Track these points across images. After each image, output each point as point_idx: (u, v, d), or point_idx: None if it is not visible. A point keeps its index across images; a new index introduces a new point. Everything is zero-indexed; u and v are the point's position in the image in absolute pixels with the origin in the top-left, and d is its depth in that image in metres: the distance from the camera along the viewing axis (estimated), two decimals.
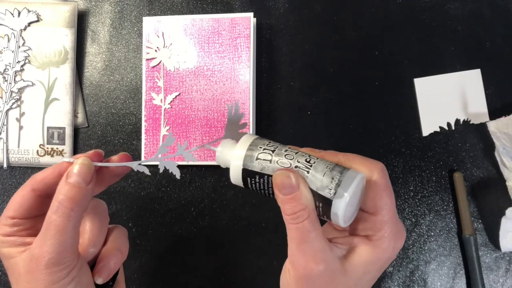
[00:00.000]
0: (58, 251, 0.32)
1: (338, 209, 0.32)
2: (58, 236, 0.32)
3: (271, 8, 0.62)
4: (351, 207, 0.33)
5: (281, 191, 0.33)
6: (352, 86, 0.60)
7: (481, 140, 0.58)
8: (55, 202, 0.33)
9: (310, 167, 0.33)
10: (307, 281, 0.33)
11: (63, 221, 0.33)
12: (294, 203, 0.32)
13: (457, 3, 0.61)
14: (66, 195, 0.33)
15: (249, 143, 0.35)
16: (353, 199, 0.32)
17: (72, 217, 0.33)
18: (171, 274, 0.59)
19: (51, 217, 0.33)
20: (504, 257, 0.56)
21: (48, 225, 0.33)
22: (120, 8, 0.64)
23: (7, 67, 0.61)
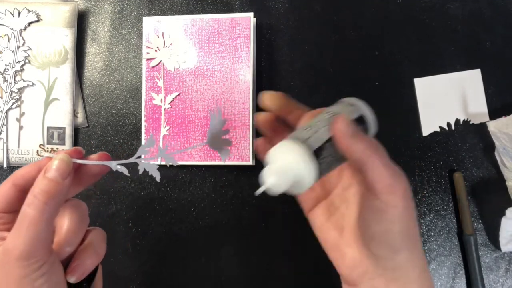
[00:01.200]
0: (30, 244, 0.32)
1: (368, 116, 0.41)
2: (31, 229, 0.32)
3: (271, 8, 0.62)
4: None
5: (344, 136, 0.34)
6: (352, 86, 0.60)
7: (481, 140, 0.58)
8: (30, 195, 0.33)
9: (336, 111, 0.38)
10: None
11: (37, 214, 0.33)
12: (349, 127, 0.35)
13: (457, 3, 0.61)
14: (41, 188, 0.33)
15: (294, 138, 0.35)
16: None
17: (46, 211, 0.33)
18: (171, 274, 0.59)
19: (25, 210, 0.33)
20: (504, 257, 0.56)
21: (22, 218, 0.33)
22: (120, 8, 0.64)
23: (7, 67, 0.61)
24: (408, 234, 0.33)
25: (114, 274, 0.59)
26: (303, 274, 0.57)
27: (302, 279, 0.57)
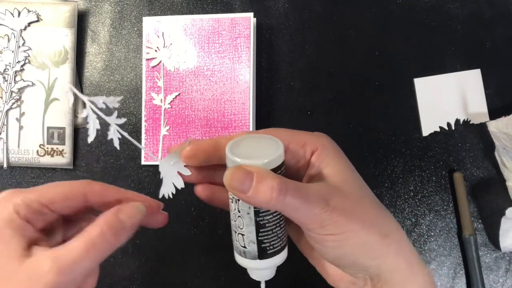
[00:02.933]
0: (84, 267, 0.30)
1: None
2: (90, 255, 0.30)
3: (271, 8, 0.62)
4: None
5: (240, 191, 0.30)
6: (352, 86, 0.60)
7: (481, 140, 0.58)
8: (117, 224, 0.32)
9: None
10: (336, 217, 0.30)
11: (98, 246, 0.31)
12: (259, 190, 0.30)
13: (457, 3, 0.61)
14: (111, 225, 0.32)
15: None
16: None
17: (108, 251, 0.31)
18: (171, 274, 0.59)
19: (107, 236, 0.31)
20: (504, 257, 0.56)
21: (95, 242, 0.31)
22: (120, 8, 0.64)
23: (7, 67, 0.61)
24: (366, 248, 0.31)
25: (114, 274, 0.59)
26: (304, 274, 0.57)
27: (302, 278, 0.57)
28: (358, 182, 0.33)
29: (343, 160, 0.34)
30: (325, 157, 0.33)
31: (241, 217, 0.32)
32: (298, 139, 0.34)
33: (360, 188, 0.33)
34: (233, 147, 0.31)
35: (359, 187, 0.33)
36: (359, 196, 0.32)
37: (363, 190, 0.33)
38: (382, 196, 0.58)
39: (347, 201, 0.31)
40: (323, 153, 0.33)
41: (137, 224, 0.34)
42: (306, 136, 0.34)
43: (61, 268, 0.30)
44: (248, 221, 0.31)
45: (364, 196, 0.33)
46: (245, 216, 0.31)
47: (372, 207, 0.32)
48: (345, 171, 0.33)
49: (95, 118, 0.31)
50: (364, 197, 0.32)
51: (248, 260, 0.33)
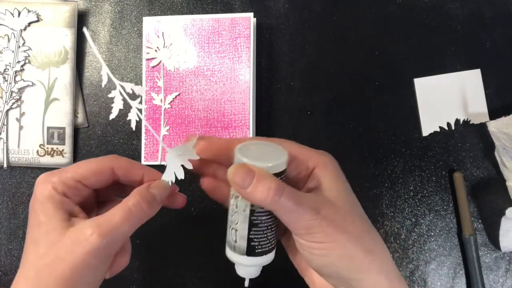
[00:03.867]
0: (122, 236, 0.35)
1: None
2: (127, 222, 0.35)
3: (271, 8, 0.62)
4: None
5: (241, 187, 0.33)
6: (352, 86, 0.60)
7: (481, 140, 0.58)
8: (151, 192, 0.36)
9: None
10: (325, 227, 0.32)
11: (137, 213, 0.36)
12: (260, 187, 0.32)
13: (457, 3, 0.61)
14: (144, 197, 0.36)
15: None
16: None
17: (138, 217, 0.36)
18: (171, 274, 0.59)
19: (143, 205, 0.36)
20: (504, 257, 0.56)
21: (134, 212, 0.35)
22: (120, 8, 0.64)
23: (7, 67, 0.61)
24: (351, 261, 0.32)
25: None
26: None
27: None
28: (351, 199, 0.35)
29: (340, 178, 0.36)
30: (325, 174, 0.35)
31: (237, 213, 0.34)
32: (304, 153, 0.36)
33: (352, 205, 0.35)
34: (242, 148, 0.34)
35: (351, 204, 0.35)
36: (350, 211, 0.34)
37: (355, 207, 0.35)
38: (382, 196, 0.58)
39: (338, 214, 0.33)
40: (323, 170, 0.35)
41: (164, 198, 0.38)
42: (312, 153, 0.37)
43: (103, 232, 0.33)
44: (243, 218, 0.34)
45: (354, 212, 0.34)
46: (241, 212, 0.34)
47: (361, 224, 0.34)
48: (340, 188, 0.35)
49: (120, 99, 0.37)
50: (354, 213, 0.34)
51: (236, 255, 0.35)
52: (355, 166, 0.59)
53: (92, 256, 0.33)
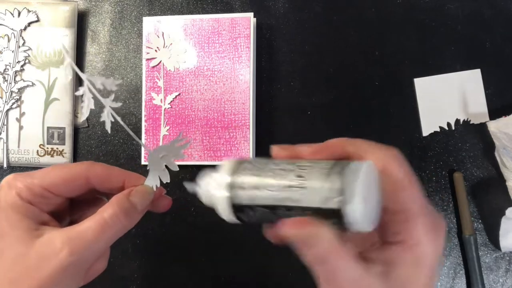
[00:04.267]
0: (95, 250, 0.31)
1: (353, 216, 0.25)
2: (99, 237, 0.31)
3: (271, 8, 0.62)
4: (369, 205, 0.26)
5: (298, 245, 0.27)
6: (352, 86, 0.60)
7: (481, 140, 0.58)
8: (116, 206, 0.32)
9: (305, 182, 0.26)
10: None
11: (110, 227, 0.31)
12: (314, 249, 0.27)
13: (457, 3, 0.61)
14: (122, 207, 0.32)
15: (229, 172, 0.29)
16: (367, 195, 0.26)
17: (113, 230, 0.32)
18: (171, 274, 0.59)
19: (115, 219, 0.32)
20: (504, 257, 0.56)
21: (106, 225, 0.31)
22: (120, 8, 0.64)
23: (7, 67, 0.61)
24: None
25: (114, 274, 0.59)
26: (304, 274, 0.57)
27: (302, 278, 0.57)
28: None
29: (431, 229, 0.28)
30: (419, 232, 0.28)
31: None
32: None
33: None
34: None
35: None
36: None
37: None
38: None
39: None
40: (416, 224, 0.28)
41: (146, 206, 0.34)
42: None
43: (74, 248, 0.30)
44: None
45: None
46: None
47: None
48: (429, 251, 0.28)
49: (90, 98, 0.31)
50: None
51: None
52: None
53: (62, 273, 0.30)
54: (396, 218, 0.27)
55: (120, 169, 0.35)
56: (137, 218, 0.33)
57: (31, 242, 0.30)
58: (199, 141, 0.59)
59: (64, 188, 0.33)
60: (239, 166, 0.29)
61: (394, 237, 0.28)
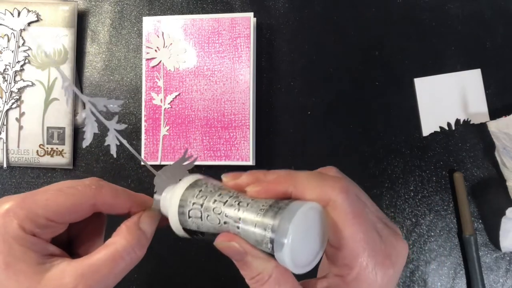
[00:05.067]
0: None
1: (283, 262, 0.26)
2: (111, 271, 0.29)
3: (271, 8, 0.62)
4: (305, 249, 0.26)
5: (232, 257, 0.28)
6: (352, 86, 0.60)
7: (481, 140, 0.58)
8: (129, 237, 0.30)
9: (239, 220, 0.27)
10: None
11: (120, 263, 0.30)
12: (248, 268, 0.28)
13: (457, 3, 0.61)
14: (136, 240, 0.31)
15: (179, 197, 0.30)
16: (302, 240, 0.26)
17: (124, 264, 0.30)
18: (171, 274, 0.59)
19: (123, 255, 0.30)
20: (504, 257, 0.56)
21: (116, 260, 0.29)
22: (120, 8, 0.64)
23: (7, 67, 0.61)
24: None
25: None
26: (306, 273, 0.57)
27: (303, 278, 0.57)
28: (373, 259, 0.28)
29: (360, 224, 0.28)
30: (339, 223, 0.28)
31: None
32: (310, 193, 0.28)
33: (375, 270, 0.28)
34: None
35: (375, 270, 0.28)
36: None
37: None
38: (382, 196, 0.58)
39: None
40: (336, 214, 0.28)
41: (154, 231, 0.33)
42: (317, 190, 0.28)
43: (88, 284, 0.28)
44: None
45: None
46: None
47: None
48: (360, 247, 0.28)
49: (93, 121, 0.29)
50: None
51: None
52: (355, 166, 0.59)
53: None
54: (338, 253, 0.27)
55: (127, 192, 0.33)
56: (147, 246, 0.32)
57: (38, 278, 0.28)
58: (199, 141, 0.59)
59: (68, 216, 0.31)
60: (191, 190, 0.30)
61: (336, 270, 0.28)
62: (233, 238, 0.28)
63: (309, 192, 0.28)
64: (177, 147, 0.59)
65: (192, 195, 0.30)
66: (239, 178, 0.30)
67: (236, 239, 0.28)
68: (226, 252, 0.28)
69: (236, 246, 0.27)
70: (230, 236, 0.28)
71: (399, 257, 0.28)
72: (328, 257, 0.29)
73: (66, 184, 0.32)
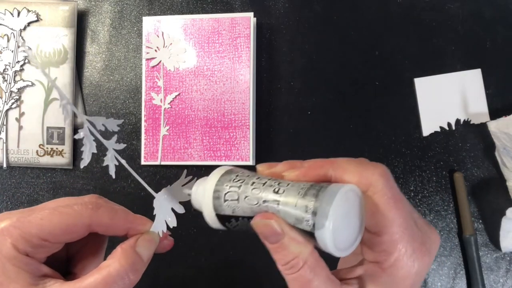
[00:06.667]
0: None
1: (324, 241, 0.25)
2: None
3: (271, 8, 0.62)
4: (345, 231, 0.26)
5: (266, 240, 0.28)
6: (352, 86, 0.60)
7: (481, 140, 0.58)
8: (123, 262, 0.30)
9: (279, 200, 0.27)
10: None
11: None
12: (283, 251, 0.27)
13: (457, 3, 0.61)
14: (129, 263, 0.30)
15: (215, 182, 0.30)
16: (342, 222, 0.26)
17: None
18: (171, 274, 0.59)
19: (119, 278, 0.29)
20: (504, 257, 0.56)
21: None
22: (120, 8, 0.64)
23: (7, 67, 0.61)
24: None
25: None
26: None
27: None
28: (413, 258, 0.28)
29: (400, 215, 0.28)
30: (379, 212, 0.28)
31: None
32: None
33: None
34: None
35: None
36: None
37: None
38: None
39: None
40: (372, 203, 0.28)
41: (151, 256, 0.32)
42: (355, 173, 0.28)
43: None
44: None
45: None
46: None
47: None
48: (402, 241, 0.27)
49: (92, 140, 0.28)
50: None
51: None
52: None
53: None
54: (376, 239, 0.27)
55: (125, 212, 0.33)
56: (143, 270, 0.31)
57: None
58: (199, 141, 0.59)
59: (63, 236, 0.30)
60: (226, 176, 0.30)
61: (373, 257, 0.28)
62: (272, 216, 0.27)
63: (349, 176, 0.27)
64: (177, 147, 0.59)
65: (229, 180, 0.29)
66: (275, 167, 0.30)
67: (274, 218, 0.27)
68: (263, 231, 0.27)
69: (274, 224, 0.27)
70: (269, 215, 0.27)
71: (433, 246, 0.28)
72: (365, 243, 0.28)
73: (63, 202, 0.31)
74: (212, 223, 0.30)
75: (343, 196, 0.26)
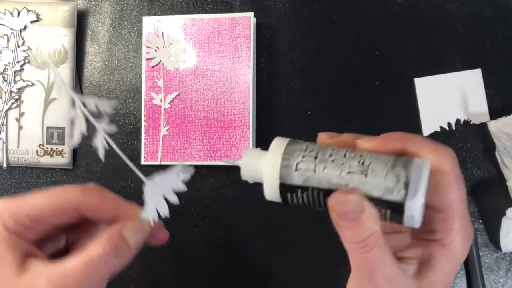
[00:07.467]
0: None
1: (414, 211, 0.26)
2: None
3: (271, 8, 0.62)
4: (425, 202, 0.27)
5: (341, 217, 0.27)
6: (352, 86, 0.60)
7: (481, 140, 0.58)
8: (107, 245, 0.30)
9: (367, 170, 0.27)
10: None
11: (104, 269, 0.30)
12: (359, 228, 0.27)
13: (457, 3, 0.61)
14: (114, 246, 0.30)
15: (282, 150, 0.29)
16: (425, 193, 0.27)
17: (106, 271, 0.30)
18: (171, 274, 0.59)
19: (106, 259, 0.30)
20: (504, 257, 0.56)
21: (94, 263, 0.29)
22: (120, 8, 0.64)
23: (7, 67, 0.61)
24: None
25: None
26: (305, 273, 0.57)
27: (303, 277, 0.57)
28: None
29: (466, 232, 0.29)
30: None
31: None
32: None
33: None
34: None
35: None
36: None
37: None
38: None
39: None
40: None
41: (141, 242, 0.32)
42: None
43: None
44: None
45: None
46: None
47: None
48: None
49: (82, 121, 0.28)
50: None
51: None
52: None
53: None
54: (437, 216, 0.28)
55: (113, 198, 0.33)
56: (130, 255, 0.31)
57: (17, 279, 0.28)
58: (199, 141, 0.59)
59: (52, 218, 0.31)
60: (293, 146, 0.29)
61: (431, 235, 0.28)
62: (355, 191, 0.27)
63: (425, 152, 0.28)
64: (177, 147, 0.59)
65: (299, 149, 0.29)
66: (340, 136, 0.31)
67: (358, 193, 0.27)
68: (341, 208, 0.27)
69: (356, 199, 0.27)
70: (351, 190, 0.27)
71: (472, 235, 0.29)
72: (426, 220, 0.28)
73: (59, 188, 0.32)
74: (272, 193, 0.30)
75: (428, 169, 0.27)
